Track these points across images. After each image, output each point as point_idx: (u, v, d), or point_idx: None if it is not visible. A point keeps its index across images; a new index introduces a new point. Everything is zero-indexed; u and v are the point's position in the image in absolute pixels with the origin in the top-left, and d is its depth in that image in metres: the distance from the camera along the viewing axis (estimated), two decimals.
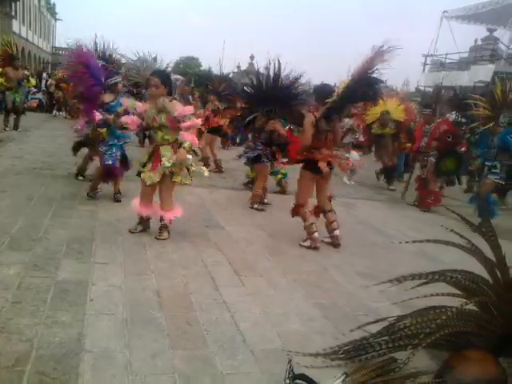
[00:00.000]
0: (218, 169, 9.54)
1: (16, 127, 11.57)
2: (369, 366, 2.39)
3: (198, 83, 14.65)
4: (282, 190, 7.87)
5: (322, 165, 4.83)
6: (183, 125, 4.38)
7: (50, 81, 17.82)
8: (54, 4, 53.19)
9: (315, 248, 4.96)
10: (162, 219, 4.68)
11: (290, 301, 3.60)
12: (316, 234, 4.99)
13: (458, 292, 2.52)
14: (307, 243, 5.03)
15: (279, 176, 7.81)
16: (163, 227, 4.70)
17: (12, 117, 11.59)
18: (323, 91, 4.91)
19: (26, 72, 14.68)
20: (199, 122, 4.65)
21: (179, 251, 4.40)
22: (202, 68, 53.05)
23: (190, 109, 4.49)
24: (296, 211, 5.15)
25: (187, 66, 50.38)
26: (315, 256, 4.80)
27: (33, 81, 14.14)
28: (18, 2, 34.41)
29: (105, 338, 2.73)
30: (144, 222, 4.78)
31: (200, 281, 3.77)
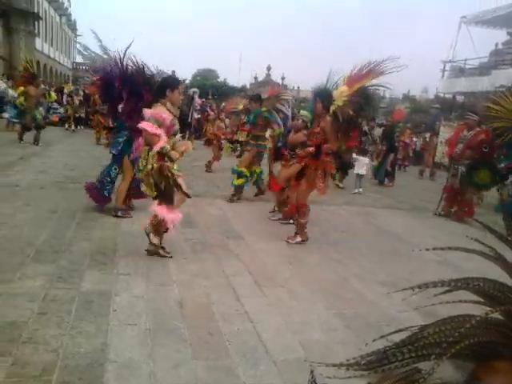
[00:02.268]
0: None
1: (36, 142, 11.81)
2: (392, 377, 2.36)
3: (215, 95, 14.93)
4: (259, 191, 7.81)
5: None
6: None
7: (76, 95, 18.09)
8: (74, 21, 54.59)
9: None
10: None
11: (311, 311, 3.59)
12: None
13: (481, 300, 2.48)
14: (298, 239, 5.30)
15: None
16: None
17: (33, 132, 11.89)
18: (329, 96, 5.00)
19: (44, 87, 15.11)
20: None
21: (200, 262, 4.43)
22: (219, 80, 53.71)
23: None
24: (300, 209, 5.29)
25: (205, 78, 50.93)
26: (336, 265, 4.79)
27: (53, 95, 14.48)
28: (40, 21, 35.48)
29: (128, 348, 2.77)
30: None
31: (221, 291, 3.79)
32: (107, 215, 5.69)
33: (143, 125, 4.09)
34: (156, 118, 4.08)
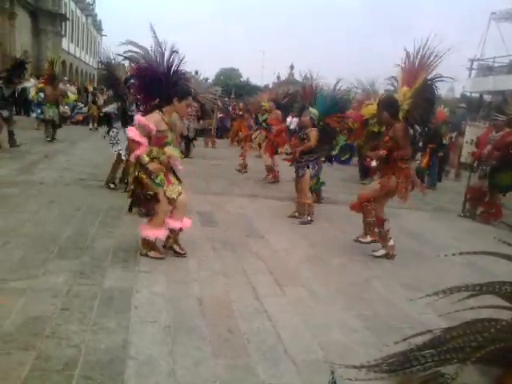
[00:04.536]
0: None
1: (52, 139, 12.16)
2: (414, 381, 2.31)
3: (239, 94, 15.03)
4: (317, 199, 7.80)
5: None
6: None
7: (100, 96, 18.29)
8: (100, 21, 55.50)
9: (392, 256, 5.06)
10: (180, 230, 4.47)
11: (331, 311, 3.56)
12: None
13: (509, 305, 2.41)
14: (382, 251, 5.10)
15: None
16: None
17: (50, 129, 12.26)
18: (395, 104, 4.78)
19: (69, 86, 15.44)
20: None
21: (220, 260, 4.44)
22: (242, 79, 53.84)
23: None
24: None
25: (228, 78, 51.16)
26: (357, 267, 4.73)
27: (72, 96, 14.72)
28: (67, 21, 36.22)
29: (149, 345, 2.78)
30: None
31: (241, 290, 3.78)
32: (130, 213, 5.74)
33: (129, 130, 4.13)
34: (142, 126, 4.02)
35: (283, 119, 10.81)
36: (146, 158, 4.06)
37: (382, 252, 5.10)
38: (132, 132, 4.05)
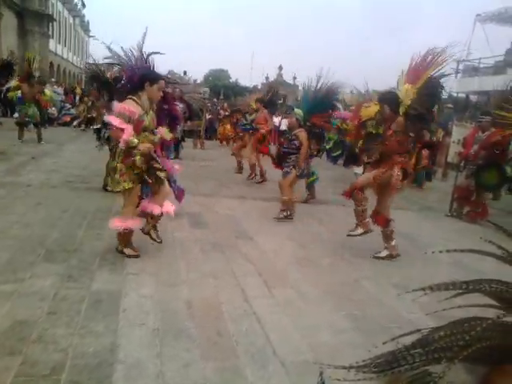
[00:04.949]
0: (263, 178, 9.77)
1: (39, 139, 11.90)
2: (402, 380, 2.32)
3: (226, 95, 15.04)
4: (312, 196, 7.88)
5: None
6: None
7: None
8: (87, 22, 55.17)
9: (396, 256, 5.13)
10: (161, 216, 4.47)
11: (320, 312, 3.56)
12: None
13: (494, 303, 2.43)
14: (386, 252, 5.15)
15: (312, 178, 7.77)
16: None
17: (34, 130, 11.98)
18: (396, 99, 4.81)
19: (57, 87, 15.04)
20: None
21: (210, 262, 4.43)
22: (231, 80, 53.87)
23: None
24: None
25: (216, 79, 51.16)
26: (347, 267, 4.75)
27: (48, 93, 14.18)
28: (54, 22, 35.91)
29: (137, 348, 2.77)
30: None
31: (230, 291, 3.78)
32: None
33: (110, 118, 4.01)
34: (122, 113, 3.93)
35: (270, 117, 10.83)
36: (135, 140, 3.96)
37: (385, 253, 5.12)
38: (114, 120, 3.94)
